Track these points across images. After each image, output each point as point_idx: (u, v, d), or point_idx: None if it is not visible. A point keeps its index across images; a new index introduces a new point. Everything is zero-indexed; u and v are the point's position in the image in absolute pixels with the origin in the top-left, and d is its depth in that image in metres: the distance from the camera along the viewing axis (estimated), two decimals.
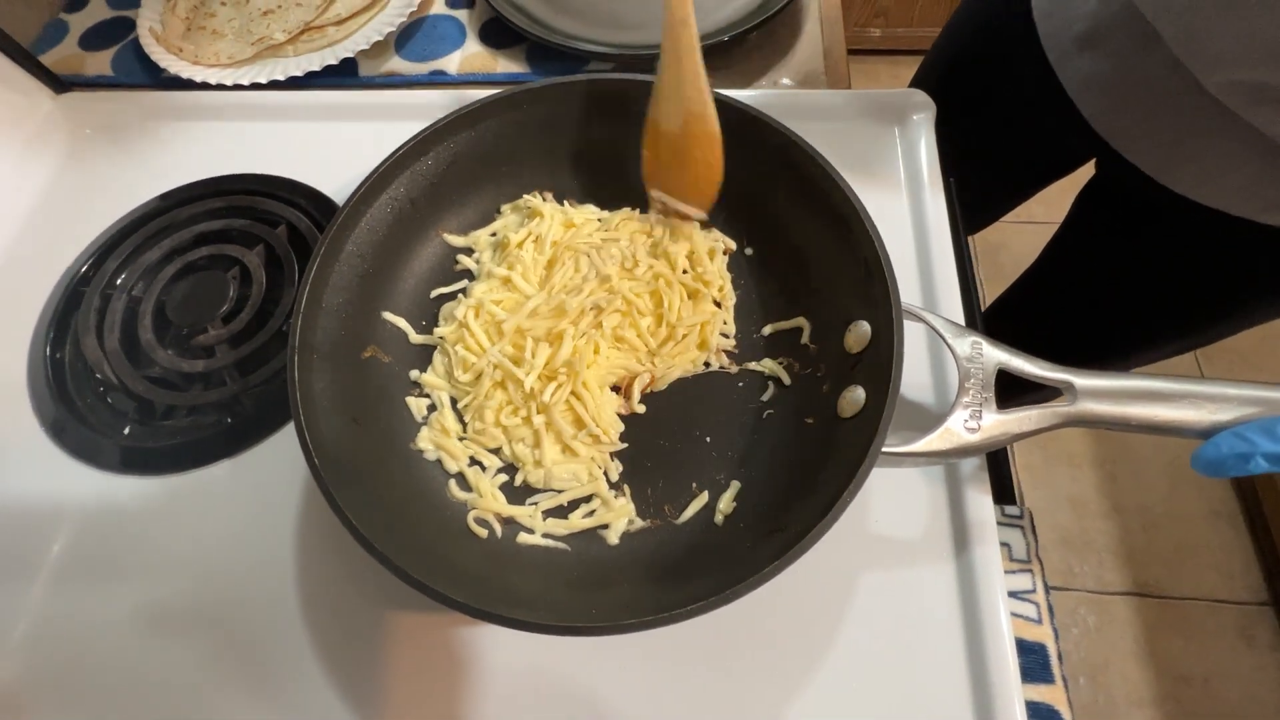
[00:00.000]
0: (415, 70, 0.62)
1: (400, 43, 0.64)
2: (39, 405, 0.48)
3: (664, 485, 0.41)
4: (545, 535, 0.40)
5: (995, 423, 0.35)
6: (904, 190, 0.51)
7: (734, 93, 0.45)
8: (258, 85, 0.60)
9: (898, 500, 0.41)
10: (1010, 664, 0.36)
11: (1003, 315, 0.78)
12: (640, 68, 0.59)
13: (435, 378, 0.43)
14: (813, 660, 0.38)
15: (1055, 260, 0.69)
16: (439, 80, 0.62)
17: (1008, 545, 0.42)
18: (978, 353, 0.37)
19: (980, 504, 0.40)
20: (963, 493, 0.40)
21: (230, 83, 0.60)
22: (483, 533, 0.39)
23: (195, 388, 0.48)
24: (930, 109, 0.53)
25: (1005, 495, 0.44)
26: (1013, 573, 0.41)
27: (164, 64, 0.61)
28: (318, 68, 0.60)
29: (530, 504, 0.40)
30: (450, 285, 0.47)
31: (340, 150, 0.57)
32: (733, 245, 0.47)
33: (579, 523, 0.40)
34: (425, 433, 0.42)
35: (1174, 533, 1.26)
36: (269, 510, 0.43)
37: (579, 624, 0.32)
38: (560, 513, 0.40)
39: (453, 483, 0.41)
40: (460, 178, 0.47)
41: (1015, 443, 0.36)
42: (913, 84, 0.67)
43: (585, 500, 0.41)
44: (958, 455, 0.36)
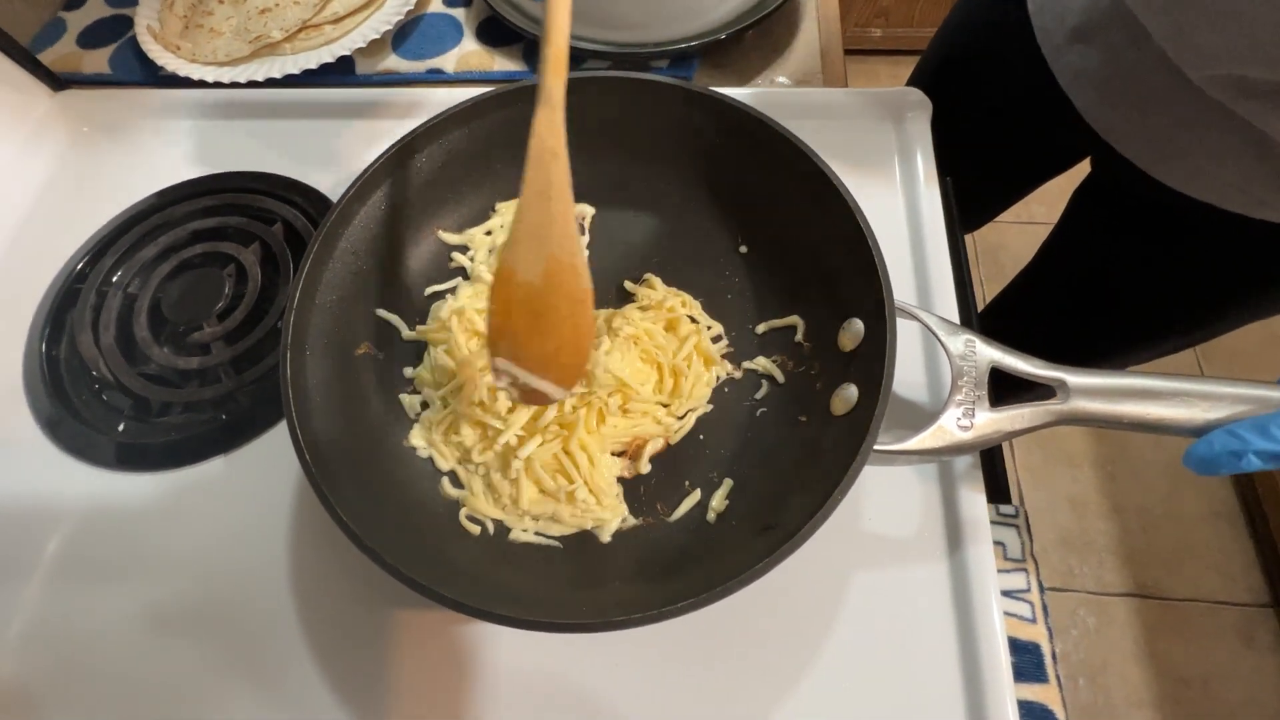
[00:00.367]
0: (412, 68, 0.62)
1: (397, 41, 0.64)
2: (34, 402, 0.48)
3: (656, 483, 0.41)
4: (538, 533, 0.40)
5: (988, 421, 0.35)
6: (899, 188, 0.51)
7: (730, 91, 0.45)
8: (255, 83, 0.60)
9: (891, 498, 0.41)
10: (1003, 663, 0.36)
11: (1000, 314, 0.78)
12: (636, 66, 0.59)
13: (426, 373, 0.43)
14: (805, 658, 0.38)
15: (1051, 259, 0.69)
16: (436, 78, 0.62)
17: (1002, 544, 0.42)
18: (971, 351, 0.37)
19: (974, 502, 0.40)
20: (956, 491, 0.40)
21: (227, 80, 0.60)
22: (475, 530, 0.39)
23: (190, 384, 0.48)
24: (926, 107, 0.53)
25: (1000, 494, 0.44)
26: (1007, 571, 0.41)
27: (161, 62, 0.61)
28: (315, 66, 0.60)
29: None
30: (444, 283, 0.47)
31: (337, 148, 0.57)
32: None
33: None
34: (418, 430, 0.42)
35: (1174, 533, 1.26)
36: (264, 506, 0.43)
37: (571, 621, 0.31)
38: None
39: (445, 480, 0.41)
40: (455, 175, 0.47)
41: (1009, 441, 0.36)
42: (909, 82, 0.67)
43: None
44: (950, 453, 0.36)
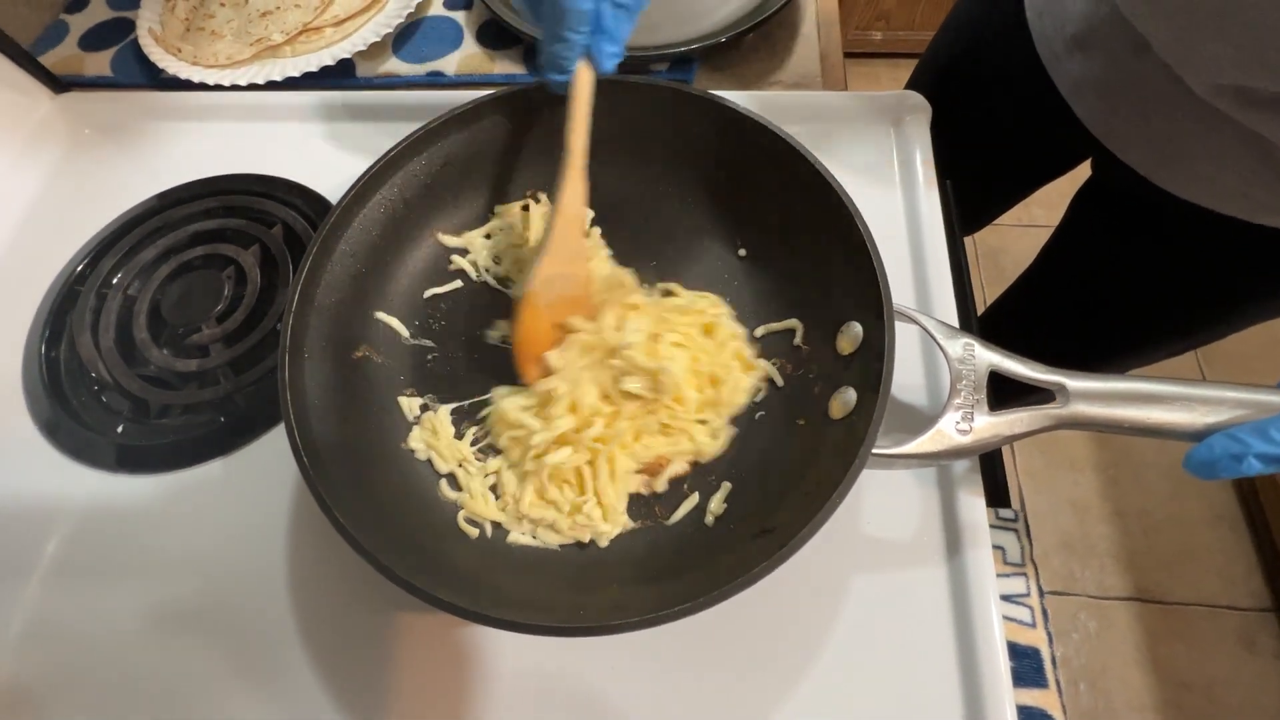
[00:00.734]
0: (413, 71, 0.63)
1: (398, 44, 0.64)
2: (33, 404, 0.48)
3: None
4: (536, 536, 0.39)
5: (987, 425, 0.35)
6: (899, 191, 0.51)
7: (729, 94, 0.45)
8: (255, 86, 0.60)
9: (890, 502, 0.41)
10: (1002, 668, 0.36)
11: (1000, 317, 0.78)
12: (636, 69, 0.59)
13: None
14: (804, 662, 0.38)
15: (1052, 262, 0.69)
16: (436, 81, 0.62)
17: (1001, 548, 0.42)
18: (970, 354, 0.37)
19: (972, 506, 0.40)
20: (955, 495, 0.40)
21: (228, 83, 0.60)
22: (473, 532, 0.39)
23: (189, 387, 0.48)
24: (925, 110, 0.53)
25: (999, 498, 0.44)
26: (1006, 576, 0.41)
27: (163, 65, 0.61)
28: (315, 69, 0.60)
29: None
30: (444, 285, 0.47)
31: (337, 151, 0.57)
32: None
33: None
34: (416, 432, 0.42)
35: (1175, 537, 1.26)
36: (263, 508, 0.43)
37: (569, 624, 0.31)
38: None
39: (443, 483, 0.41)
40: (454, 178, 0.47)
41: (1008, 444, 0.36)
42: (908, 85, 0.67)
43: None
44: (949, 457, 0.36)
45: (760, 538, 0.36)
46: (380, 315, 0.45)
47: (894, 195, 0.51)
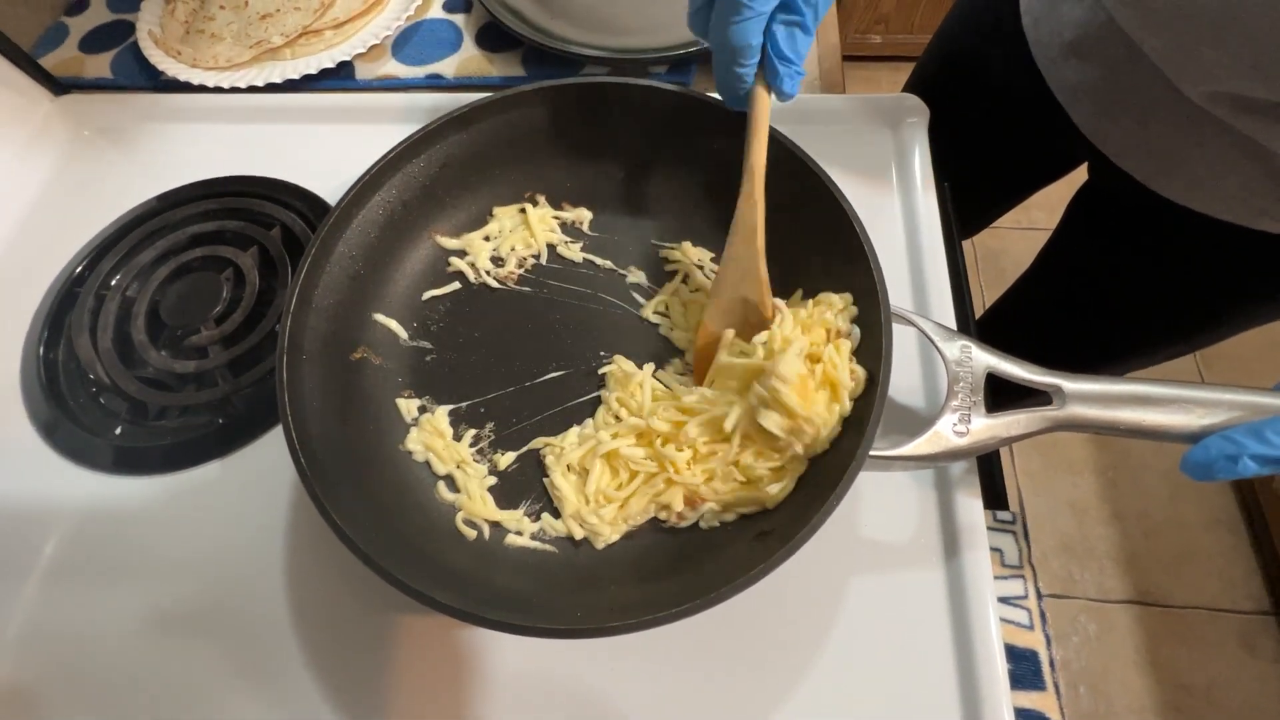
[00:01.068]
0: (412, 74, 0.63)
1: (397, 46, 0.64)
2: (31, 405, 0.48)
3: None
4: (534, 537, 0.39)
5: (984, 426, 0.35)
6: (897, 194, 0.51)
7: None
8: (255, 88, 0.60)
9: (887, 504, 0.41)
10: (999, 670, 0.36)
11: (999, 320, 0.78)
12: (634, 72, 0.59)
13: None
14: (801, 664, 0.37)
15: (1050, 266, 0.69)
16: (435, 84, 0.62)
17: (999, 550, 0.42)
18: (967, 356, 0.37)
19: (970, 508, 0.40)
20: (953, 497, 0.40)
21: (228, 85, 0.60)
22: (471, 534, 0.39)
23: (187, 388, 0.48)
24: (923, 113, 0.53)
25: (997, 501, 0.44)
26: (1004, 578, 0.41)
27: (162, 67, 0.62)
28: (315, 71, 0.60)
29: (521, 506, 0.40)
30: (442, 287, 0.47)
31: (336, 153, 0.57)
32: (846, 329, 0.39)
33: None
34: (414, 434, 0.42)
35: (1175, 540, 1.26)
36: (261, 509, 0.43)
37: (566, 626, 0.31)
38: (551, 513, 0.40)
39: (441, 484, 0.41)
40: (453, 180, 0.47)
41: (1008, 447, 0.36)
42: (906, 88, 0.68)
43: None
44: (946, 459, 0.36)
45: (758, 539, 0.36)
46: (378, 317, 0.45)
47: (892, 198, 0.51)
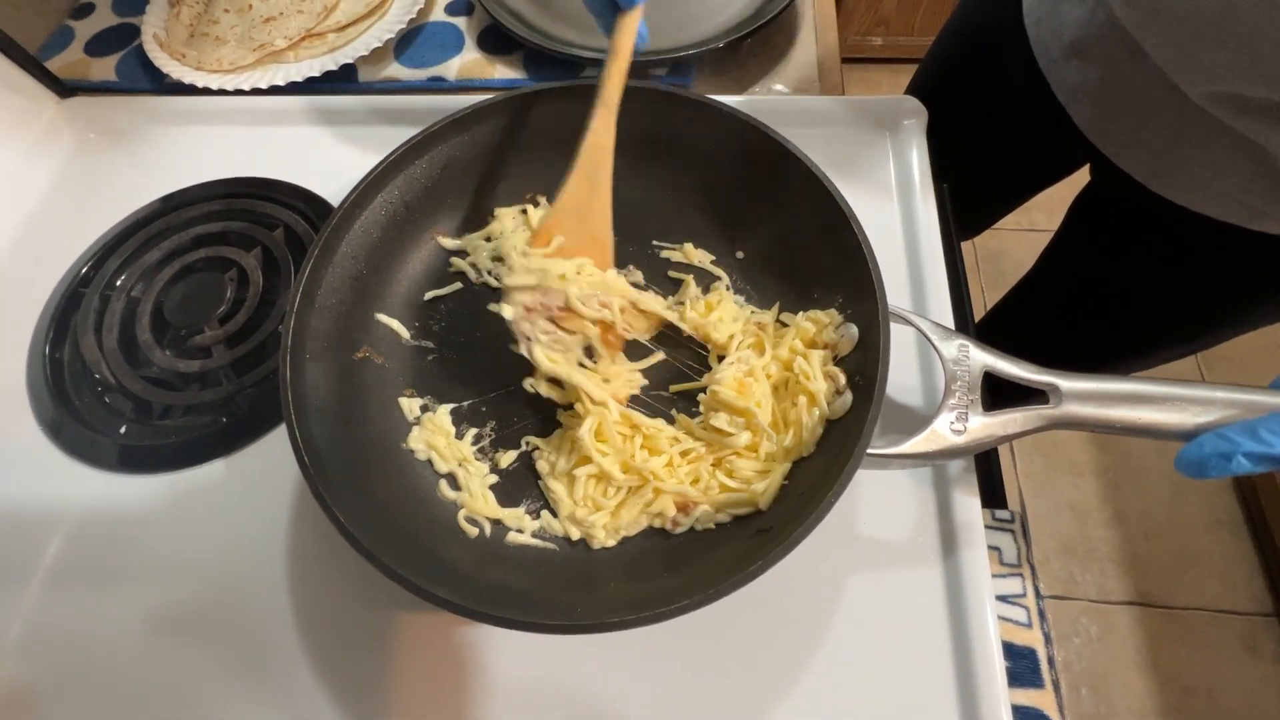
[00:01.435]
0: (414, 76, 0.63)
1: (400, 49, 0.65)
2: (37, 404, 0.48)
3: None
4: (534, 535, 0.40)
5: (981, 425, 0.36)
6: (895, 195, 0.51)
7: (727, 98, 0.46)
8: (259, 90, 0.61)
9: (886, 503, 0.41)
10: (997, 667, 0.36)
11: (1000, 321, 0.78)
12: (635, 73, 0.59)
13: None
14: (801, 661, 0.38)
15: (1051, 267, 0.69)
16: (437, 86, 0.63)
17: (998, 549, 0.42)
18: (964, 355, 0.37)
19: (968, 506, 0.40)
20: (951, 495, 0.40)
21: (232, 88, 0.61)
22: (473, 531, 0.39)
23: (191, 387, 0.48)
24: (922, 115, 0.53)
25: (996, 499, 0.44)
26: (1002, 576, 0.41)
27: (167, 70, 0.62)
28: (318, 73, 0.61)
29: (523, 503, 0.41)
30: (444, 288, 0.47)
31: (339, 154, 0.57)
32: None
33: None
34: (416, 433, 0.42)
35: (1176, 541, 1.26)
36: (264, 507, 0.44)
37: (567, 622, 0.32)
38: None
39: (443, 483, 0.41)
40: (454, 181, 0.47)
41: (1008, 445, 0.36)
42: (908, 90, 0.68)
43: None
44: (944, 457, 0.36)
45: (757, 537, 0.36)
46: (381, 317, 0.45)
47: (890, 199, 0.51)
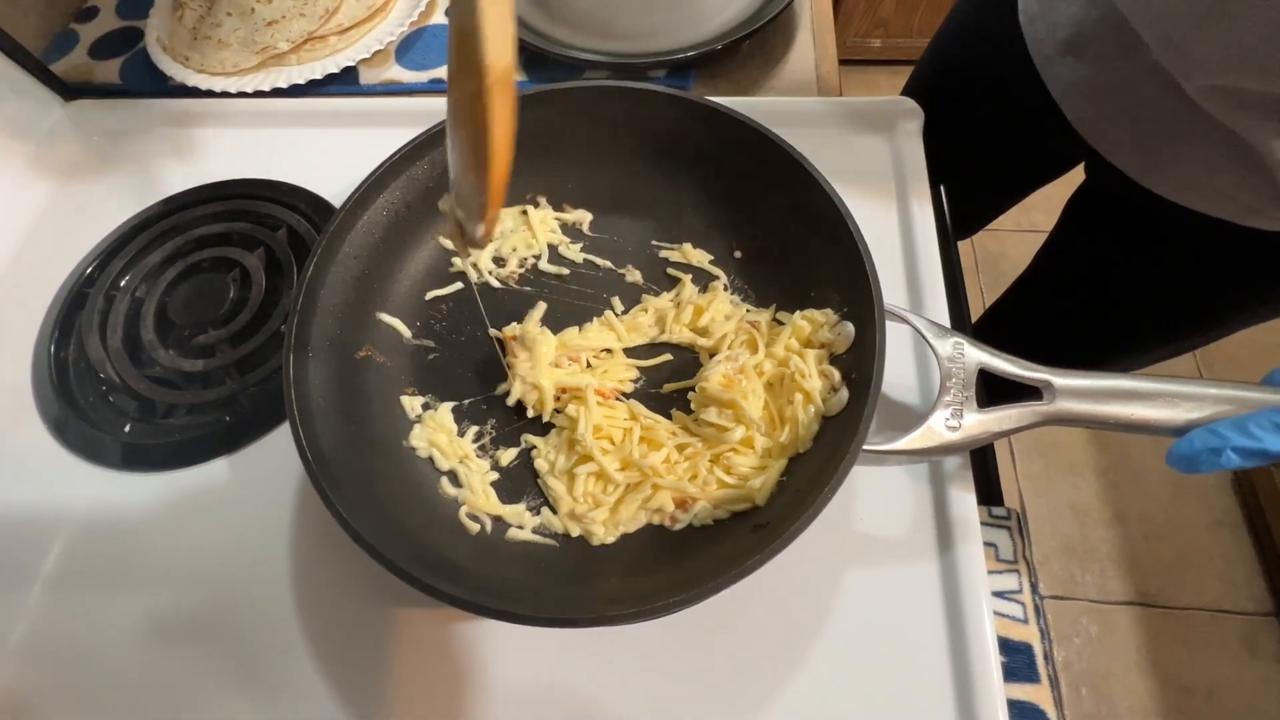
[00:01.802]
0: (415, 78, 0.64)
1: (401, 52, 0.65)
2: (42, 403, 0.49)
3: None
4: (535, 531, 0.40)
5: (975, 421, 0.36)
6: (892, 195, 0.52)
7: (726, 100, 0.46)
8: (261, 93, 0.61)
9: (882, 499, 0.41)
10: (993, 662, 0.36)
11: (998, 320, 0.79)
12: (634, 75, 0.60)
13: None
14: (796, 656, 0.38)
15: (1046, 266, 0.70)
16: (438, 88, 0.63)
17: (994, 545, 0.42)
18: (959, 353, 0.38)
19: (964, 503, 0.40)
20: (947, 491, 0.41)
21: (234, 90, 0.61)
22: (474, 527, 0.40)
23: (195, 387, 0.49)
24: (919, 116, 0.54)
25: (992, 496, 0.44)
26: (998, 573, 0.41)
27: (170, 72, 0.63)
28: (320, 76, 0.61)
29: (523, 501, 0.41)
30: (445, 288, 0.48)
31: (341, 156, 0.58)
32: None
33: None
34: (418, 431, 0.43)
35: (1177, 541, 1.26)
36: (267, 505, 0.44)
37: (565, 616, 0.32)
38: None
39: (444, 480, 0.42)
40: None
41: (1006, 442, 0.36)
42: (905, 90, 0.68)
43: None
44: (939, 453, 0.36)
45: (754, 532, 0.36)
46: (383, 316, 0.46)
47: (887, 198, 0.52)
